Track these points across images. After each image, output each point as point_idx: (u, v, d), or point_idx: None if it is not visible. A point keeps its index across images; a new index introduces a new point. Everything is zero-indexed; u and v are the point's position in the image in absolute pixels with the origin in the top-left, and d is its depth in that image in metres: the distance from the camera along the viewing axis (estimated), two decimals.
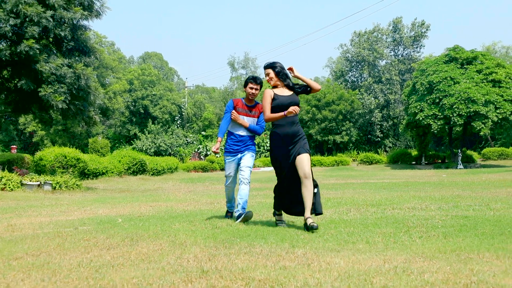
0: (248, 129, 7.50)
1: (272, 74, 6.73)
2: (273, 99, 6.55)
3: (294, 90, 6.72)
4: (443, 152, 45.95)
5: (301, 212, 6.52)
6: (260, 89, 7.50)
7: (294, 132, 6.45)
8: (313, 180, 6.38)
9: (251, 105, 7.57)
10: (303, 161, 6.30)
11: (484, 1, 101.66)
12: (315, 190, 6.43)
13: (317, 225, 6.04)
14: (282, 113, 6.44)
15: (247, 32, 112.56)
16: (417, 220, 6.93)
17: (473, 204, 8.96)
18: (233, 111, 7.40)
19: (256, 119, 7.62)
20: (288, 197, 6.64)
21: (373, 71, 54.70)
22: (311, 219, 6.15)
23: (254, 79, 7.49)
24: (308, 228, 6.04)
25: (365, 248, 5.02)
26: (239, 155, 7.55)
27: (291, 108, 6.39)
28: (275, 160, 6.60)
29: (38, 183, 15.31)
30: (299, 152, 6.36)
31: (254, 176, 25.34)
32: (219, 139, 7.57)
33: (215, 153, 7.63)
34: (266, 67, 6.79)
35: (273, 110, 6.52)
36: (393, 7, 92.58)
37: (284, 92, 6.65)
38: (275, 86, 6.73)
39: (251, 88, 7.44)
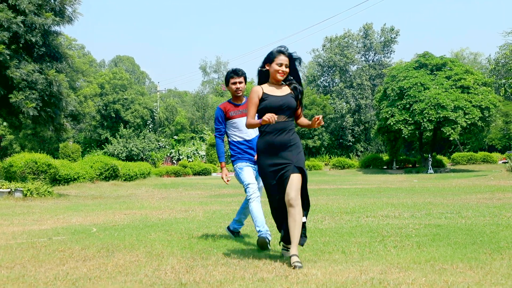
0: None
1: (286, 64, 5.20)
2: (262, 99, 5.18)
3: (293, 89, 5.28)
4: (413, 157, 46.58)
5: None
6: (245, 81, 6.46)
7: (282, 142, 5.07)
8: (307, 203, 5.19)
9: (241, 103, 6.51)
10: (292, 183, 4.92)
11: (451, 8, 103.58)
12: (305, 219, 5.18)
13: (301, 265, 4.67)
14: (257, 121, 5.10)
15: (218, 36, 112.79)
16: (391, 229, 7.03)
17: (445, 211, 9.12)
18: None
19: None
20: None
21: (344, 76, 55.23)
22: (297, 257, 4.75)
23: (235, 72, 6.44)
24: (292, 266, 4.70)
25: (341, 258, 5.09)
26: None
27: (266, 116, 4.89)
28: (262, 176, 5.26)
29: (9, 190, 15.07)
30: (288, 170, 4.99)
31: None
32: (223, 164, 6.52)
33: (227, 181, 6.44)
34: (282, 52, 5.19)
35: (262, 113, 5.16)
36: (364, 13, 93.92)
37: (277, 90, 5.22)
38: (264, 82, 5.33)
39: (234, 83, 6.40)
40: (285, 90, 5.23)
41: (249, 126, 5.25)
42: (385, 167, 42.14)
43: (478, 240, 5.92)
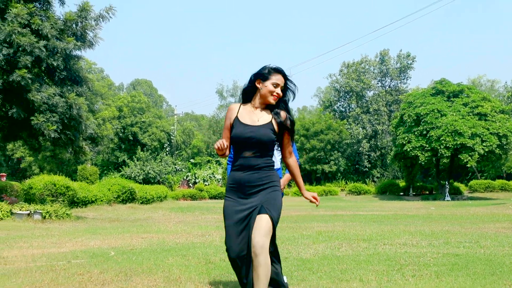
0: None
1: (282, 86, 4.16)
2: (232, 124, 4.11)
3: (275, 116, 4.11)
4: (430, 184, 46.22)
5: None
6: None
7: (251, 181, 4.01)
8: (277, 255, 4.44)
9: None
10: (258, 225, 3.86)
11: (468, 35, 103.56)
12: (285, 279, 4.45)
13: None
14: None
15: (236, 60, 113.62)
16: (409, 257, 7.00)
17: (463, 240, 9.05)
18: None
19: None
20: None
21: (361, 101, 55.26)
22: None
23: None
24: None
25: (359, 286, 5.09)
26: None
27: (217, 144, 3.96)
28: (225, 215, 4.14)
29: (28, 212, 15.22)
30: (255, 212, 3.94)
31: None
32: None
33: None
34: (280, 72, 4.14)
35: (231, 143, 4.14)
36: (381, 40, 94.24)
37: (251, 117, 4.09)
38: (245, 102, 4.22)
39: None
40: (264, 119, 4.07)
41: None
42: (401, 193, 41.84)
43: (497, 271, 5.88)
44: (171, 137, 54.90)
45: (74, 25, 16.66)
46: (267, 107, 4.12)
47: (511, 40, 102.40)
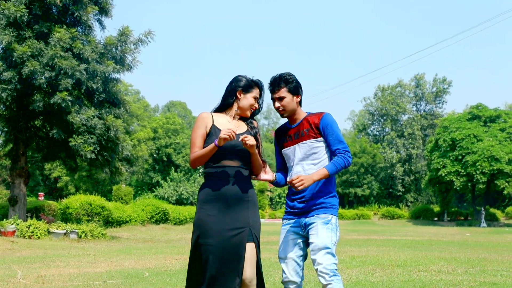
0: None
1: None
2: (209, 133, 3.86)
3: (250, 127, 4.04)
4: (465, 209, 45.44)
5: None
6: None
7: (238, 194, 3.79)
8: (261, 285, 3.80)
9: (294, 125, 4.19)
10: (248, 256, 3.67)
11: (505, 60, 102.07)
12: None
13: None
14: (210, 146, 3.76)
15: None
16: (444, 285, 6.92)
17: (500, 269, 8.90)
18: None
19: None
20: None
21: (395, 125, 54.88)
22: None
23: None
24: None
25: None
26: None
27: (225, 132, 3.63)
28: (202, 232, 3.72)
29: (65, 231, 15.51)
30: (244, 237, 3.69)
31: (275, 229, 25.27)
32: None
33: None
34: (259, 86, 4.06)
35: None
36: (416, 64, 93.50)
37: (231, 124, 3.95)
38: (218, 111, 4.03)
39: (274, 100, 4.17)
40: (241, 128, 3.94)
41: (196, 160, 3.81)
42: (435, 218, 41.20)
43: None
44: None
45: (114, 49, 17.08)
46: (240, 118, 4.01)
47: None
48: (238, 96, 3.96)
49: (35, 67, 14.79)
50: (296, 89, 4.04)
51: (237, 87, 3.96)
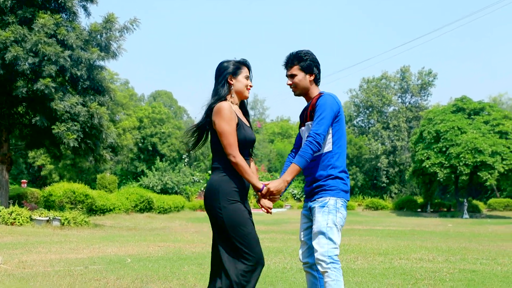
0: None
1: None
2: (238, 125, 3.77)
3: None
4: (448, 201, 45.78)
5: None
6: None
7: (247, 184, 3.85)
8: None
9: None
10: None
11: (490, 53, 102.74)
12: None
13: None
14: (259, 184, 3.74)
15: (257, 74, 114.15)
16: (424, 272, 6.99)
17: (480, 257, 9.00)
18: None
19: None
20: None
21: (381, 117, 55.09)
22: None
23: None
24: None
25: None
26: None
27: (267, 208, 3.83)
28: (243, 222, 3.69)
29: (47, 218, 15.42)
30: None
31: (259, 218, 25.32)
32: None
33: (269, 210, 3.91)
34: (246, 65, 4.04)
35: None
36: (402, 56, 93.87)
37: (241, 114, 3.98)
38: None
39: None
40: (246, 118, 4.01)
41: (238, 168, 3.68)
42: (419, 210, 41.49)
43: None
44: None
45: (99, 36, 16.94)
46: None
47: None
48: (230, 82, 3.91)
49: (19, 52, 14.65)
50: (309, 67, 3.98)
51: (226, 74, 3.91)
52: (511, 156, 33.55)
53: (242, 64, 3.97)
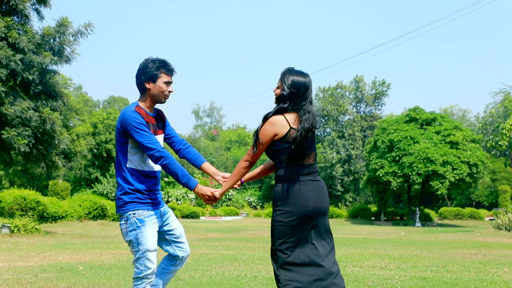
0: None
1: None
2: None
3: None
4: (401, 209, 46.61)
5: None
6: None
7: None
8: None
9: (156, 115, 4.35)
10: None
11: (442, 65, 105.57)
12: None
13: None
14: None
15: (213, 80, 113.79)
16: (377, 279, 7.09)
17: (430, 265, 9.19)
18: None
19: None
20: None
21: (336, 126, 55.75)
22: None
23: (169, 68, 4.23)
24: None
25: None
26: (162, 209, 4.34)
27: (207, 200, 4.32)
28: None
29: None
30: None
31: (215, 226, 25.24)
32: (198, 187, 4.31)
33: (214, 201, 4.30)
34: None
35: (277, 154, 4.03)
36: (357, 66, 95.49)
37: None
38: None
39: (168, 84, 4.18)
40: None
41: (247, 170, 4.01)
42: (373, 218, 42.11)
43: None
44: None
45: (51, 40, 16.61)
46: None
47: (482, 72, 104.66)
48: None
49: None
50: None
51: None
52: (462, 166, 34.40)
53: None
